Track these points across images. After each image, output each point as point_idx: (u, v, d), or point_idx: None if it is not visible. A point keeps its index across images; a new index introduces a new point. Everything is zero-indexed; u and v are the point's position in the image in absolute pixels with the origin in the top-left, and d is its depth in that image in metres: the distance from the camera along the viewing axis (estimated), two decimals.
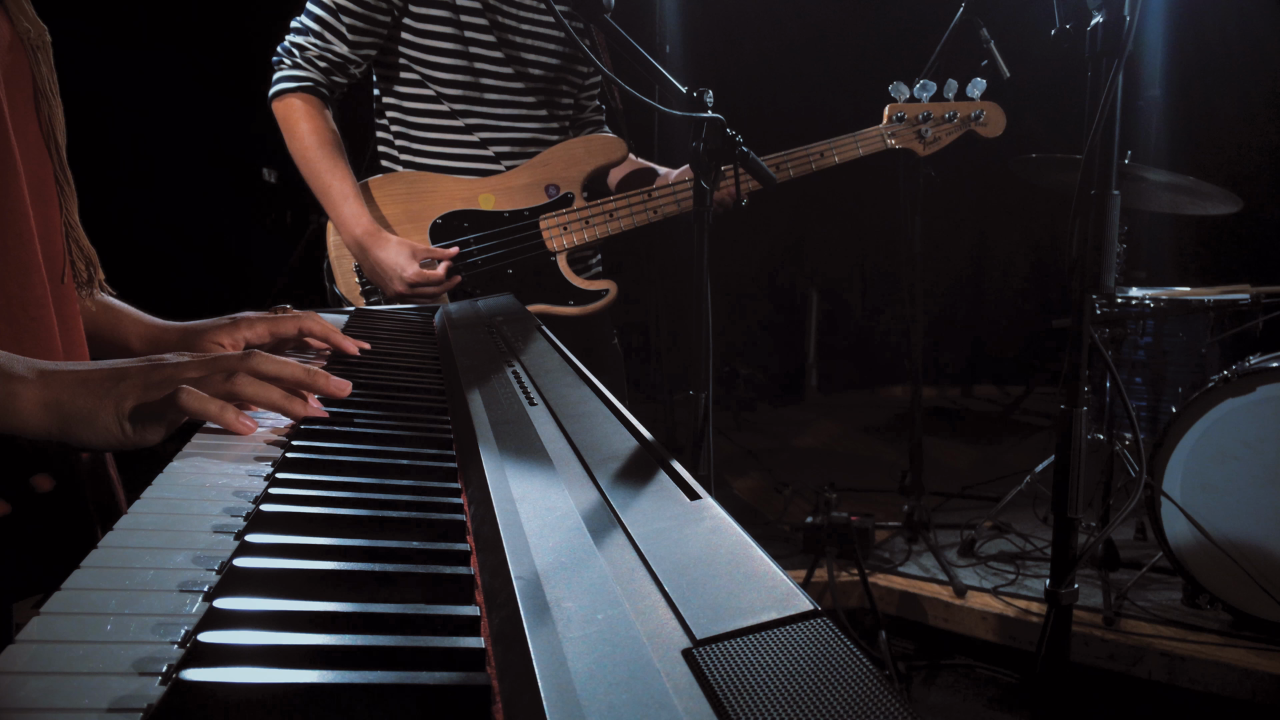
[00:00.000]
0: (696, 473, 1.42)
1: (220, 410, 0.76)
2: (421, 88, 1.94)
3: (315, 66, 1.91)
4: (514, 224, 1.96)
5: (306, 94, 1.92)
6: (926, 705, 2.62)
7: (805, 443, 5.08)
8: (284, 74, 1.93)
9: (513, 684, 0.42)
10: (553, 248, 1.97)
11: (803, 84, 5.83)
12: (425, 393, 0.96)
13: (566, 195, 1.98)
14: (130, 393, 0.74)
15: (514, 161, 1.99)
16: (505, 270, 1.96)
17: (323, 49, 1.90)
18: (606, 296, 2.01)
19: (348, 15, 1.87)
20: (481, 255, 1.94)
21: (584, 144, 2.02)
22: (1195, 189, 2.80)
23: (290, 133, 1.93)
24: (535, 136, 2.01)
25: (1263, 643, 2.43)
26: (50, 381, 0.73)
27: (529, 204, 1.97)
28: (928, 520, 3.19)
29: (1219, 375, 2.52)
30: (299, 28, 1.92)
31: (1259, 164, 4.55)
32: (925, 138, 2.11)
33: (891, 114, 2.12)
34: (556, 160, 1.99)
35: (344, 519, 0.60)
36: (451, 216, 1.95)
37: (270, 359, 0.81)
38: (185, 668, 0.42)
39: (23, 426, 0.72)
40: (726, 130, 1.45)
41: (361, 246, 1.88)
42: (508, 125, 1.98)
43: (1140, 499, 2.59)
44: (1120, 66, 1.66)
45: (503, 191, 1.97)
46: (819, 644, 0.42)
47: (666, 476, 0.63)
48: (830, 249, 6.24)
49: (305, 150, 1.92)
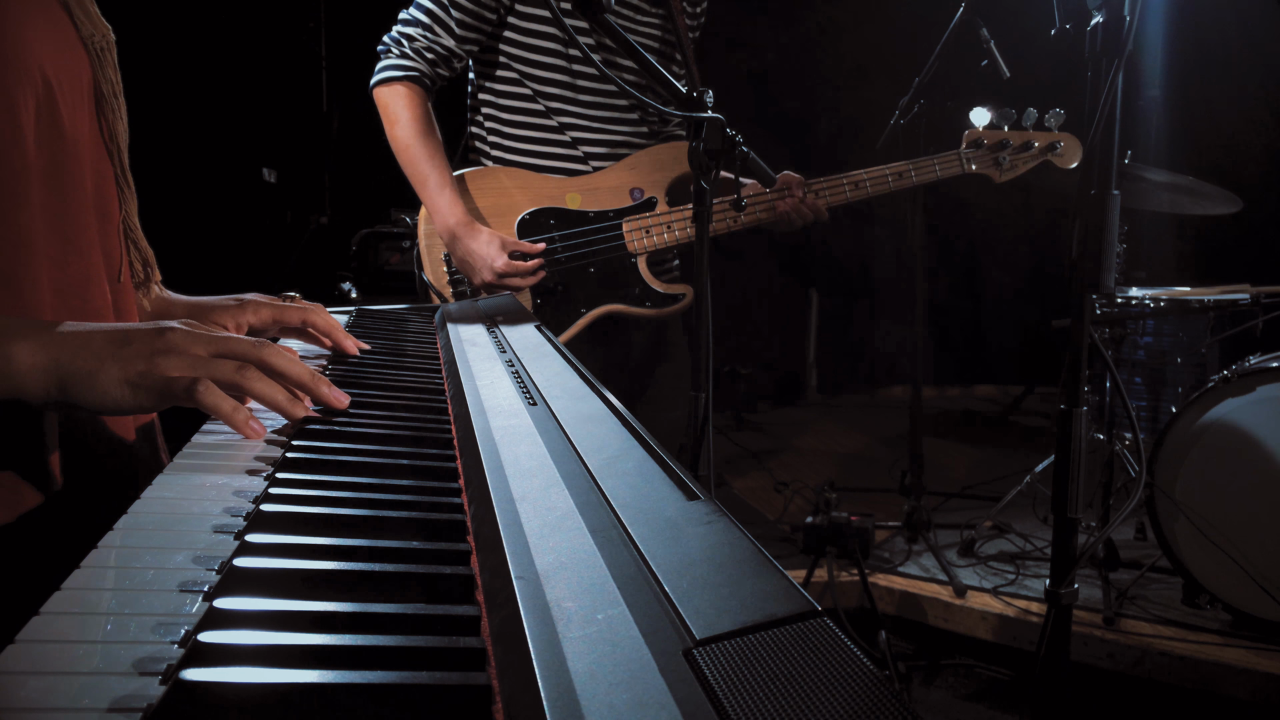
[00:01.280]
0: (696, 473, 1.42)
1: (233, 411, 0.76)
2: (519, 86, 2.00)
3: (422, 58, 1.96)
4: (598, 224, 2.02)
5: (411, 83, 1.97)
6: (926, 705, 2.62)
7: (805, 443, 5.08)
8: (390, 62, 1.97)
9: (513, 684, 0.42)
10: (634, 249, 2.02)
11: (803, 83, 5.83)
12: (425, 393, 0.96)
13: (650, 199, 2.04)
14: (135, 357, 0.73)
15: (602, 163, 2.04)
16: (587, 269, 2.01)
17: (431, 41, 1.95)
18: (683, 300, 2.05)
19: (458, 10, 1.93)
20: (566, 253, 2.00)
21: (671, 150, 2.07)
22: (1195, 189, 2.80)
23: (392, 120, 1.98)
24: (626, 140, 2.06)
25: (1263, 643, 2.43)
26: (49, 342, 0.72)
27: (614, 205, 2.03)
28: (928, 520, 3.19)
29: (1219, 375, 2.52)
30: (408, 19, 1.97)
31: (1259, 164, 4.55)
32: (1003, 165, 2.15)
33: (970, 138, 2.15)
34: (643, 165, 2.05)
35: (344, 519, 0.60)
36: (539, 213, 2.00)
37: (282, 355, 0.80)
38: (185, 668, 0.42)
39: (21, 388, 0.71)
40: (726, 130, 1.45)
41: (454, 235, 1.94)
42: (599, 127, 2.03)
43: (1140, 499, 2.59)
44: (1120, 66, 1.66)
45: (589, 192, 2.02)
46: (819, 644, 0.42)
47: (666, 476, 0.63)
48: (831, 249, 6.24)
49: (406, 138, 1.96)
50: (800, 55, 5.76)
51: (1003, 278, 6.37)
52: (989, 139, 2.15)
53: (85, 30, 0.88)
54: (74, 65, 0.87)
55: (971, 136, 2.16)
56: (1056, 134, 2.16)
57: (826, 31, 5.69)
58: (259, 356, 0.79)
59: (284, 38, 4.53)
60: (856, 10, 5.55)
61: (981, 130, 2.15)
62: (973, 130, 2.16)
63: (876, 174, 2.08)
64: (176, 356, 0.75)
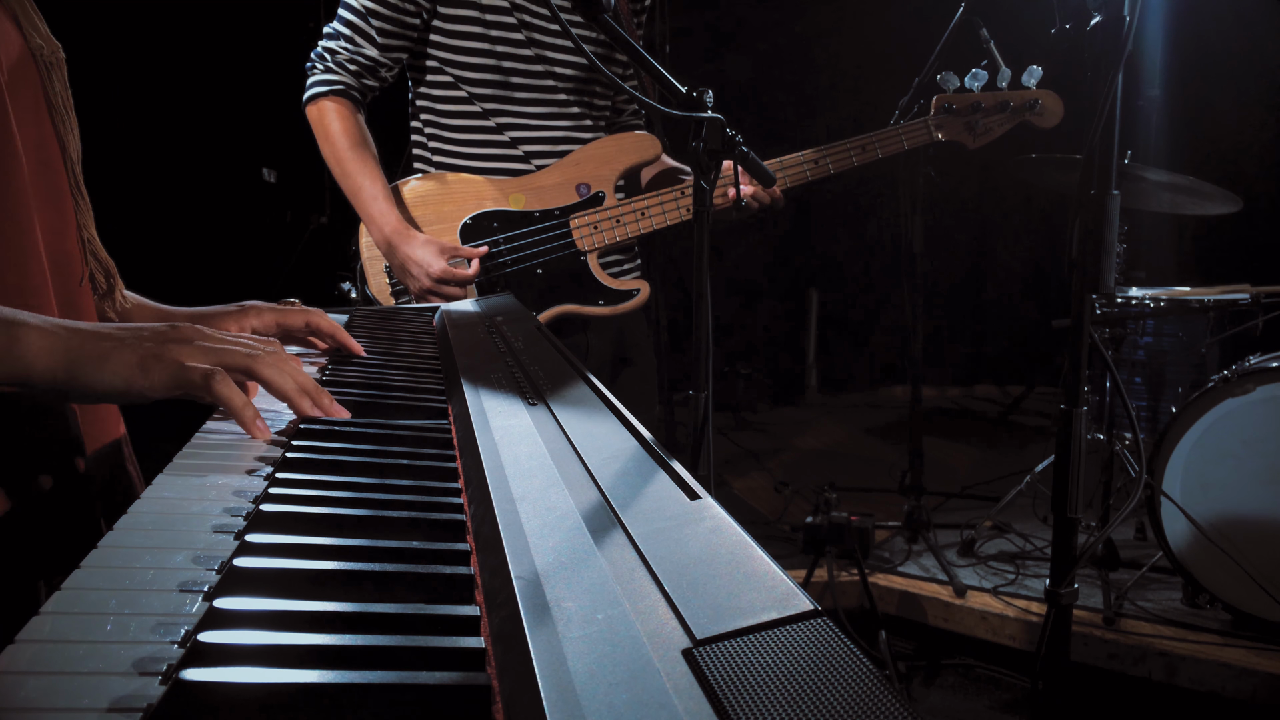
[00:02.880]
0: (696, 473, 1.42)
1: (242, 407, 0.76)
2: (453, 89, 1.96)
3: (346, 70, 1.94)
4: (544, 223, 1.97)
5: (339, 97, 1.95)
6: (926, 705, 2.62)
7: (805, 443, 5.08)
8: (317, 78, 1.96)
9: (513, 684, 0.42)
10: (583, 247, 1.97)
11: (803, 83, 5.83)
12: (425, 393, 0.96)
13: (598, 194, 1.98)
14: (150, 340, 0.75)
15: (545, 161, 2.00)
16: (535, 270, 1.96)
17: (353, 53, 1.92)
18: (637, 296, 1.99)
19: (376, 19, 1.89)
20: (511, 255, 1.95)
21: (616, 142, 2.01)
22: (1195, 189, 2.80)
23: (323, 135, 1.96)
24: (567, 135, 2.01)
25: (1263, 643, 2.43)
26: (61, 328, 0.74)
27: (560, 203, 1.98)
28: (928, 520, 3.19)
29: (1219, 375, 2.51)
30: (330, 33, 1.95)
31: (1259, 164, 4.55)
32: (975, 129, 2.03)
33: (939, 104, 2.03)
34: (588, 159, 1.99)
35: (344, 519, 0.60)
36: (481, 216, 1.96)
37: (286, 360, 0.82)
38: (185, 668, 0.42)
39: (28, 369, 0.72)
40: (726, 130, 1.45)
41: (390, 244, 1.90)
42: (538, 124, 1.99)
43: (1140, 499, 2.59)
44: (1120, 66, 1.66)
45: (533, 191, 1.98)
46: (819, 644, 0.42)
47: (666, 476, 0.63)
48: (831, 249, 6.24)
49: (337, 151, 1.94)
50: (799, 55, 5.77)
51: (1003, 278, 6.37)
52: (959, 103, 2.02)
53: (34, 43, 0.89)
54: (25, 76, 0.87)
55: (941, 102, 2.03)
56: (1034, 91, 2.04)
57: (825, 31, 5.69)
58: (265, 357, 0.80)
59: (284, 38, 4.52)
60: (856, 10, 5.55)
61: (950, 94, 2.03)
62: (941, 95, 2.03)
63: (838, 150, 1.98)
64: (189, 346, 0.76)
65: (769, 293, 6.29)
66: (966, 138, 2.06)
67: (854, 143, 2.00)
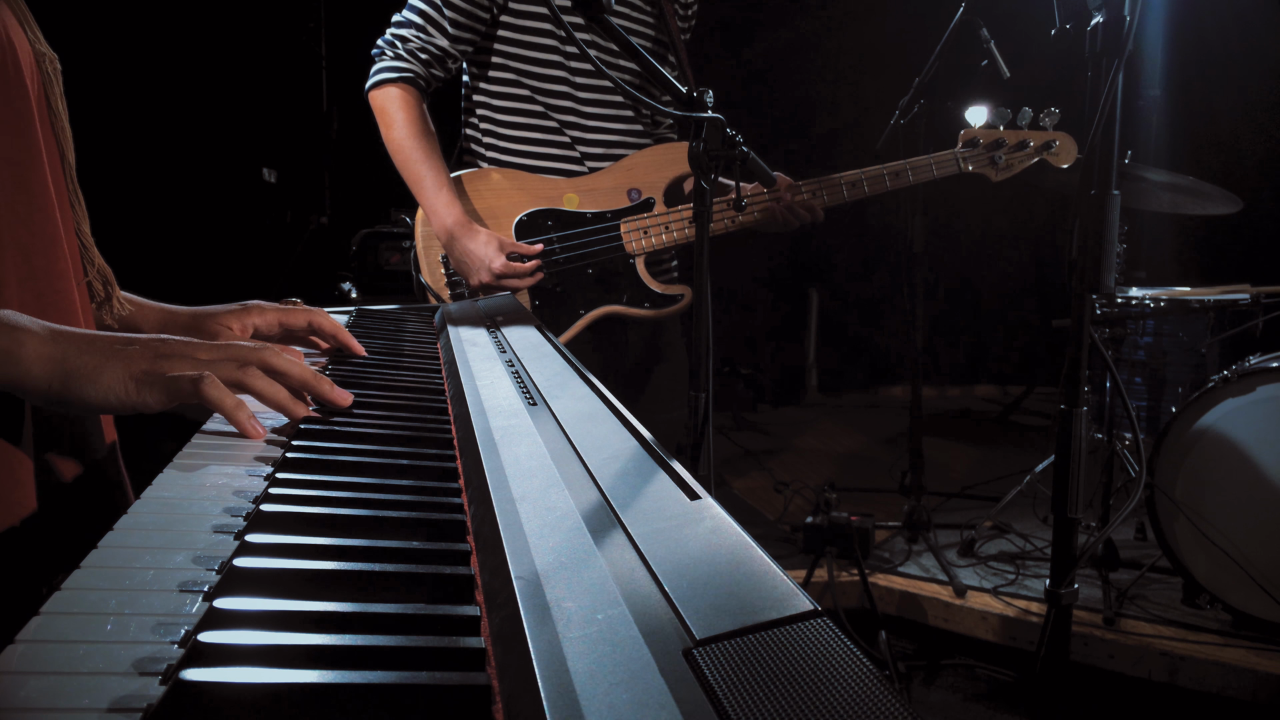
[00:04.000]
0: (696, 473, 1.42)
1: (235, 408, 0.77)
2: (515, 86, 1.99)
3: (416, 59, 1.95)
4: (596, 225, 2.02)
5: (406, 85, 1.96)
6: (926, 705, 2.62)
7: (805, 443, 5.08)
8: (384, 64, 1.97)
9: (513, 684, 0.42)
10: (632, 250, 2.02)
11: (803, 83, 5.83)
12: (425, 393, 0.96)
13: (648, 200, 2.03)
14: (140, 356, 0.75)
15: (598, 164, 2.04)
16: (586, 270, 2.01)
17: (425, 41, 1.94)
18: (681, 301, 2.06)
19: (451, 9, 1.92)
20: (564, 254, 2.00)
21: (667, 151, 2.07)
22: (1195, 189, 2.80)
23: (387, 122, 1.97)
24: (622, 139, 2.06)
25: (1263, 643, 2.42)
26: (58, 337, 0.74)
27: (612, 206, 2.03)
28: (928, 520, 3.19)
29: (1219, 375, 2.51)
30: (401, 20, 1.97)
31: (1259, 164, 4.55)
32: (999, 164, 2.16)
33: (966, 138, 2.16)
34: (641, 165, 2.05)
35: (344, 519, 0.60)
36: (536, 214, 2.00)
37: (282, 356, 0.82)
38: (185, 668, 0.42)
39: (25, 377, 0.72)
40: (726, 130, 1.45)
41: (452, 236, 1.93)
42: (596, 126, 2.03)
43: (1140, 499, 2.59)
44: (1120, 66, 1.66)
45: (587, 193, 2.02)
46: (819, 644, 0.42)
47: (666, 476, 0.63)
48: (831, 249, 6.24)
49: (402, 140, 1.96)
50: (799, 55, 5.76)
51: (1003, 278, 6.37)
52: (985, 138, 2.16)
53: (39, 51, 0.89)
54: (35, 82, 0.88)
55: (967, 136, 2.17)
56: (1052, 133, 2.17)
57: (825, 31, 5.69)
58: (260, 358, 0.80)
59: (284, 38, 4.53)
60: (856, 9, 5.55)
61: (977, 130, 2.17)
62: (969, 129, 2.17)
63: (874, 174, 2.09)
64: (180, 358, 0.76)
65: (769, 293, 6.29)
66: (990, 171, 2.17)
67: (889, 169, 2.10)
